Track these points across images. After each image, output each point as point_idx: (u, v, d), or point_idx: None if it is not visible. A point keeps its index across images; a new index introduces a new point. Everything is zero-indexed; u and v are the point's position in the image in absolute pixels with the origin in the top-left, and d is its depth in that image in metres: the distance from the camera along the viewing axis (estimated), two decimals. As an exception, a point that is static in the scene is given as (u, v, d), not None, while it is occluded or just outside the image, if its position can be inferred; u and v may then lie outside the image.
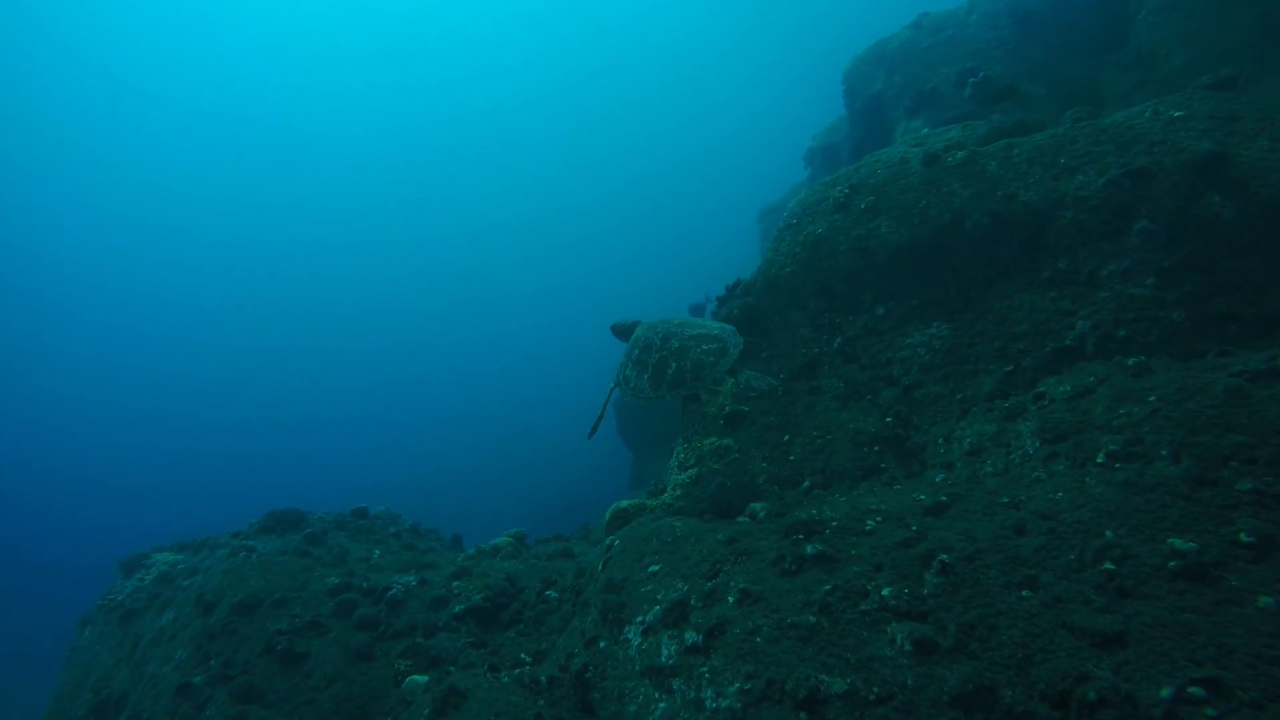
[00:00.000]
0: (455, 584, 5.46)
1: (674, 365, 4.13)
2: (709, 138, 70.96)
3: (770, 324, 7.00)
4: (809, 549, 3.96)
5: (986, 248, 5.73)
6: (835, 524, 4.20)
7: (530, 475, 39.42)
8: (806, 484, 5.75)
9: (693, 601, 3.85)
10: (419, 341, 65.95)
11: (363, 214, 72.90)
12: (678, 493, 6.53)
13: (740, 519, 4.63)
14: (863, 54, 12.16)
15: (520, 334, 64.83)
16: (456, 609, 5.02)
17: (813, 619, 3.56)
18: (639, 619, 3.97)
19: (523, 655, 4.36)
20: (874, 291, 6.33)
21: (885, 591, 3.59)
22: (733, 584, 3.91)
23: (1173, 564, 3.02)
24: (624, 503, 5.53)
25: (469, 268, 72.94)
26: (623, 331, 4.89)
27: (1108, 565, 3.23)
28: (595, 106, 73.18)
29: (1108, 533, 3.40)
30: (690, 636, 3.66)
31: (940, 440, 5.34)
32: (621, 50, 69.74)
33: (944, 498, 4.29)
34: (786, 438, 6.30)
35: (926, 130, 7.16)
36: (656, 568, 4.26)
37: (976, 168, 5.91)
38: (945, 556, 3.66)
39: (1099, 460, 3.79)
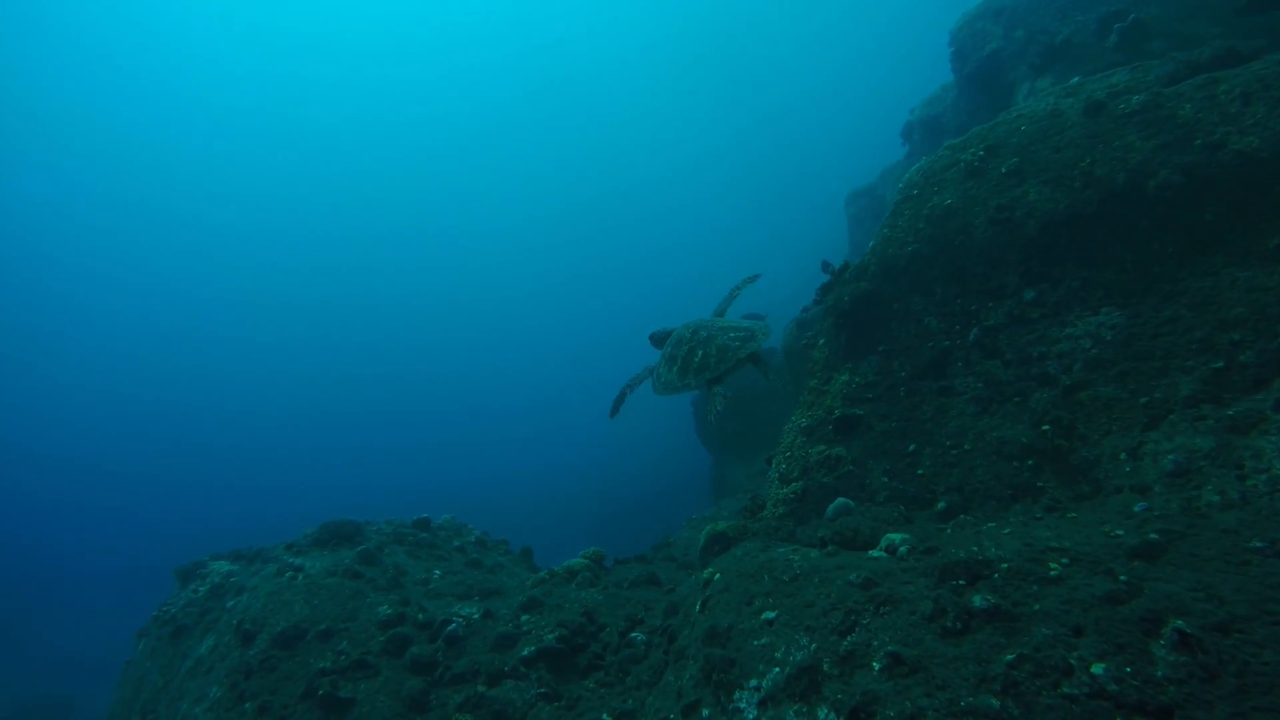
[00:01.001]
0: (524, 618, 4.77)
1: (700, 353, 4.28)
2: (786, 124, 68.34)
3: (888, 313, 6.01)
4: (976, 600, 3.05)
5: (1178, 213, 4.56)
6: (1006, 566, 3.26)
7: (601, 473, 39.04)
8: (941, 505, 4.78)
9: (825, 667, 3.01)
10: (492, 335, 67.15)
11: (421, 206, 74.32)
12: (780, 510, 5.66)
13: (874, 553, 3.73)
14: (975, 9, 10.79)
15: (596, 325, 64.79)
16: (525, 651, 4.31)
17: (995, 702, 2.65)
18: (753, 683, 3.16)
19: (604, 716, 3.64)
20: (1021, 272, 5.24)
21: (1097, 669, 2.64)
22: (876, 644, 3.04)
23: None
24: (721, 524, 4.73)
25: (532, 260, 73.51)
26: (660, 339, 5.01)
27: None
28: (659, 101, 71.84)
29: None
30: (826, 716, 2.82)
31: (1122, 455, 4.25)
32: (689, 35, 67.89)
33: (1154, 535, 3.26)
34: (912, 447, 5.33)
35: (1077, 79, 5.96)
36: (772, 615, 3.43)
37: (1162, 113, 4.73)
38: (1181, 623, 2.66)
39: None
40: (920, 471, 5.18)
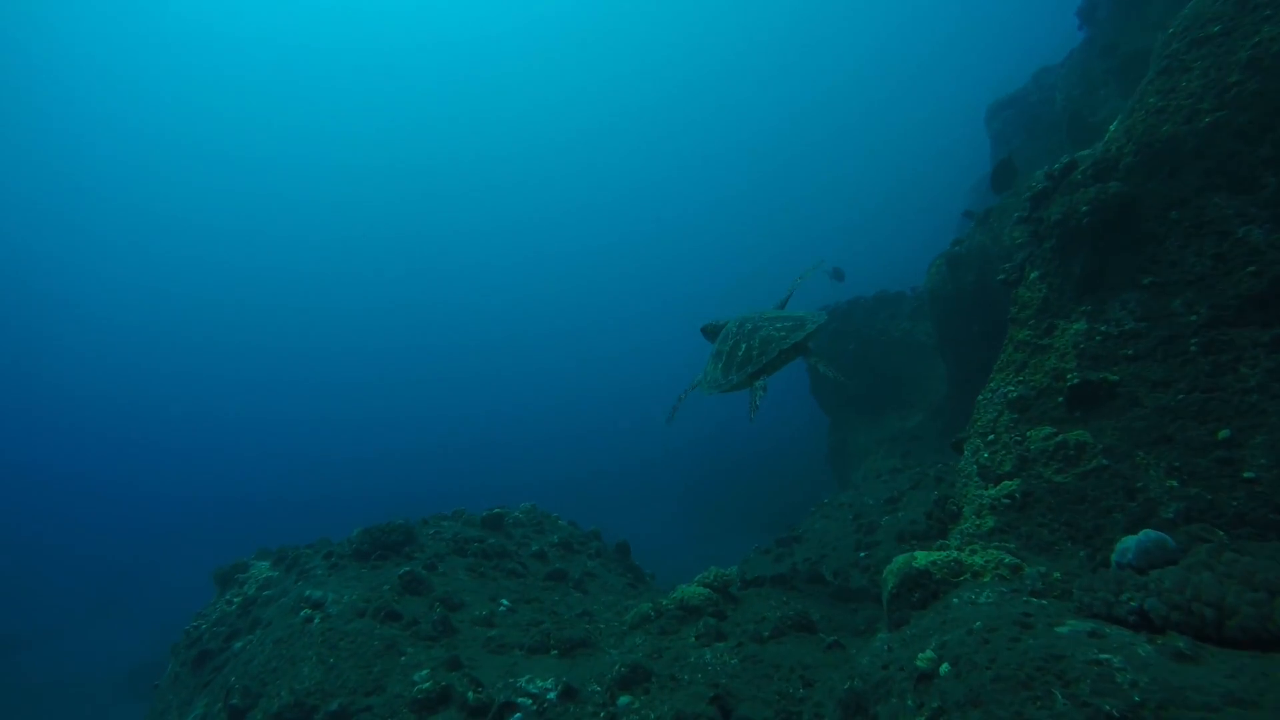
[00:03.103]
0: (623, 701, 3.17)
1: (744, 346, 4.14)
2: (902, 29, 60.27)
3: (1158, 226, 3.92)
4: None
5: None
6: None
7: (696, 436, 36.59)
8: (1307, 535, 2.81)
9: None
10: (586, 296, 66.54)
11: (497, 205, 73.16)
12: (987, 523, 3.84)
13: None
14: None
15: (692, 279, 62.56)
16: (629, 771, 2.76)
17: None
18: None
19: None
20: None
21: None
22: None
23: None
24: (921, 557, 2.99)
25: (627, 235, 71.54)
26: (712, 332, 4.88)
27: None
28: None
29: None
30: None
31: None
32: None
33: None
34: (1225, 433, 3.37)
35: None
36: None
37: None
38: None
39: None
40: (1248, 474, 3.20)
